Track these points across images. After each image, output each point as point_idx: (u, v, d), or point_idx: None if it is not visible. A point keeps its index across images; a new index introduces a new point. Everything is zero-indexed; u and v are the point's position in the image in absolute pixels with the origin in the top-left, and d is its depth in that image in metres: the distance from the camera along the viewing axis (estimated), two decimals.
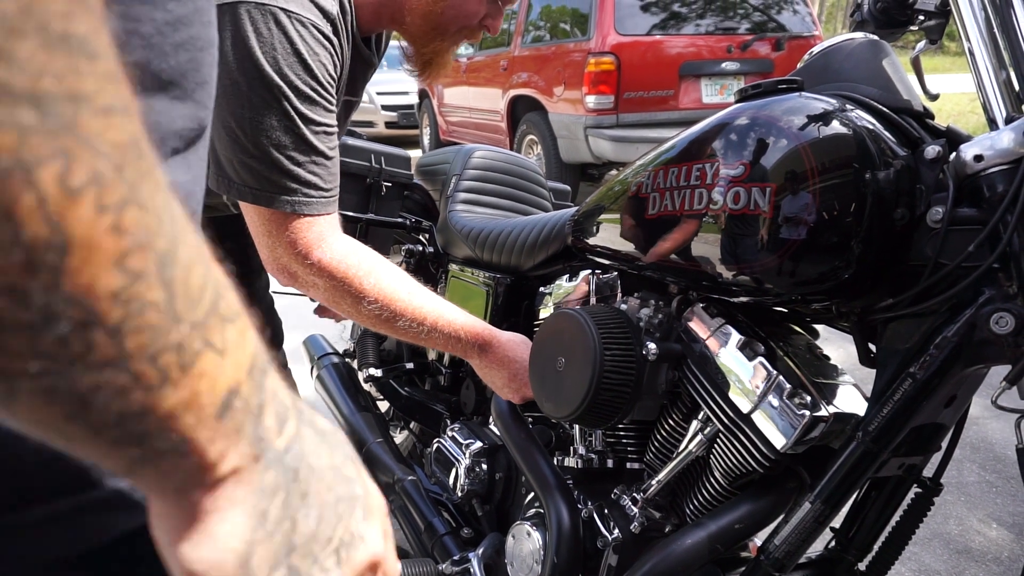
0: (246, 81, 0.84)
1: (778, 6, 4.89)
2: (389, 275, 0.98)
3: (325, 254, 0.92)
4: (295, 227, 0.90)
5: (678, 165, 0.84)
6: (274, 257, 0.93)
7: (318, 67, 0.88)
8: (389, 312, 0.98)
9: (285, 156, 0.86)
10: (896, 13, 0.98)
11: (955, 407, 0.79)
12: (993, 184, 0.69)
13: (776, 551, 0.80)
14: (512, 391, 1.11)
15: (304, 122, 0.87)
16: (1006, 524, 1.99)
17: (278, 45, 0.84)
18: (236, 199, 0.89)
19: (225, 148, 0.87)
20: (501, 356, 1.08)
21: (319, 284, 0.94)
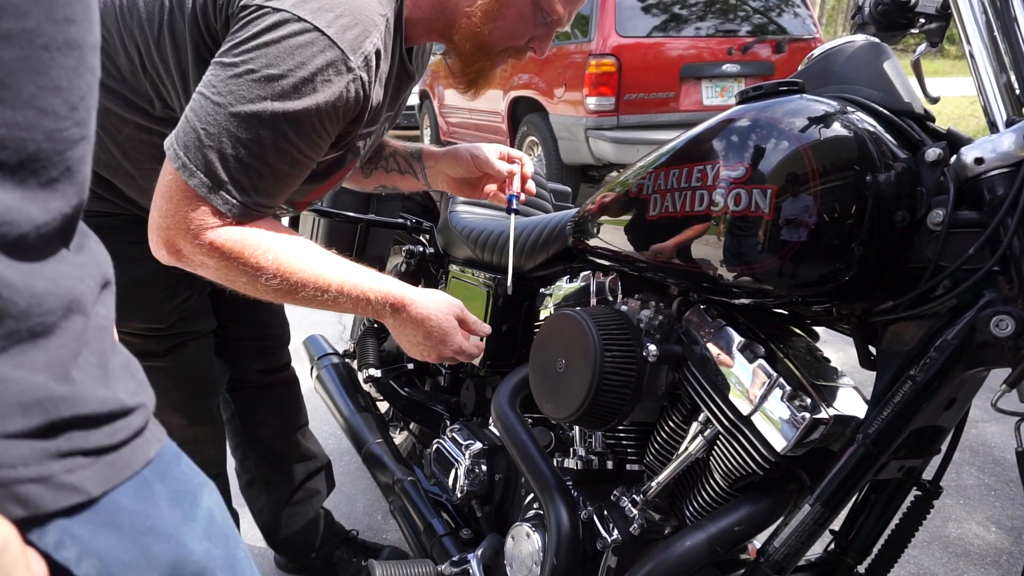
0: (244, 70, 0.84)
1: (779, 8, 4.90)
2: (290, 247, 0.94)
3: (219, 236, 0.88)
4: (199, 211, 0.86)
5: (679, 167, 0.84)
6: (164, 226, 0.89)
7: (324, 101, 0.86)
8: (289, 284, 0.94)
9: (235, 149, 0.85)
10: (897, 16, 0.98)
11: (955, 410, 0.79)
12: (994, 187, 0.69)
13: (776, 553, 0.80)
14: (427, 350, 1.07)
15: (275, 132, 0.85)
16: (1005, 527, 1.99)
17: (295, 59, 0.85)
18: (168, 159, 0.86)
19: (191, 110, 0.86)
20: (415, 315, 1.03)
21: (208, 264, 0.90)
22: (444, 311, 1.06)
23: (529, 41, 1.05)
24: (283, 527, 1.62)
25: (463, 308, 1.10)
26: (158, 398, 1.45)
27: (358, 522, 1.95)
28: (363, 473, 2.16)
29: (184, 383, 1.24)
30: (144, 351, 1.16)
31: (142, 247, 1.08)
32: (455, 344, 1.06)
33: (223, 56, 0.86)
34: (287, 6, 0.84)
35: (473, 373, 1.55)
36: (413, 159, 1.26)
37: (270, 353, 1.51)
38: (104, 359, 0.40)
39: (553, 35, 1.08)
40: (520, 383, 1.18)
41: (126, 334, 1.13)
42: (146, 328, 1.15)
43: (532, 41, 1.06)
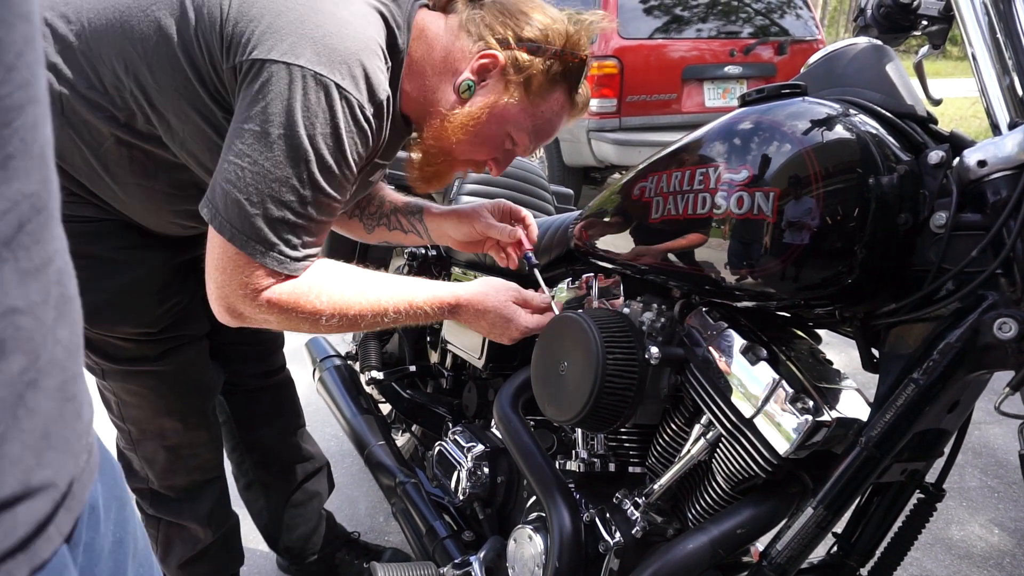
0: (276, 134, 0.85)
1: (781, 10, 4.90)
2: (339, 283, 0.97)
3: (275, 292, 0.92)
4: (255, 274, 0.90)
5: (682, 169, 0.84)
6: (223, 295, 0.92)
7: (350, 146, 0.89)
8: (348, 319, 0.98)
9: (279, 211, 0.87)
10: (899, 18, 0.98)
11: (958, 412, 0.79)
12: (997, 189, 0.69)
13: (778, 556, 0.80)
14: (496, 337, 1.11)
15: (314, 189, 0.88)
16: (1008, 529, 1.99)
17: (320, 115, 0.86)
18: (215, 230, 0.89)
19: (226, 180, 0.87)
20: (472, 312, 1.07)
21: (271, 319, 0.94)
22: (501, 299, 1.09)
23: (490, 159, 1.09)
24: (283, 529, 1.62)
25: (518, 288, 1.12)
26: (153, 403, 1.45)
27: (360, 524, 1.95)
28: (365, 475, 2.16)
29: (178, 387, 1.24)
30: (137, 356, 1.16)
31: (131, 252, 1.09)
32: (520, 326, 1.09)
33: (248, 121, 0.86)
34: (303, 62, 0.85)
35: (475, 375, 1.55)
36: (415, 219, 1.27)
37: (264, 356, 1.51)
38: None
39: (512, 160, 1.13)
40: (522, 385, 1.18)
41: (118, 339, 1.14)
42: (138, 333, 1.14)
43: (490, 161, 1.09)
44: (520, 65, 0.99)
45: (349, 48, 0.87)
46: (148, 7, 0.91)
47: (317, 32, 0.86)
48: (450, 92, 1.01)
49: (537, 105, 1.03)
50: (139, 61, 0.92)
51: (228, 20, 0.87)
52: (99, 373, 1.21)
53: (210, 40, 0.89)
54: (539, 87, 1.02)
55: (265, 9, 0.87)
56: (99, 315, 1.10)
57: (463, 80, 1.00)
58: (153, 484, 1.32)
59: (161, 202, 1.06)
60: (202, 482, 1.35)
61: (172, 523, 1.36)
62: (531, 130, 1.05)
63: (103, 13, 0.93)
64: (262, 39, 0.85)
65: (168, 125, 0.96)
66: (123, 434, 1.29)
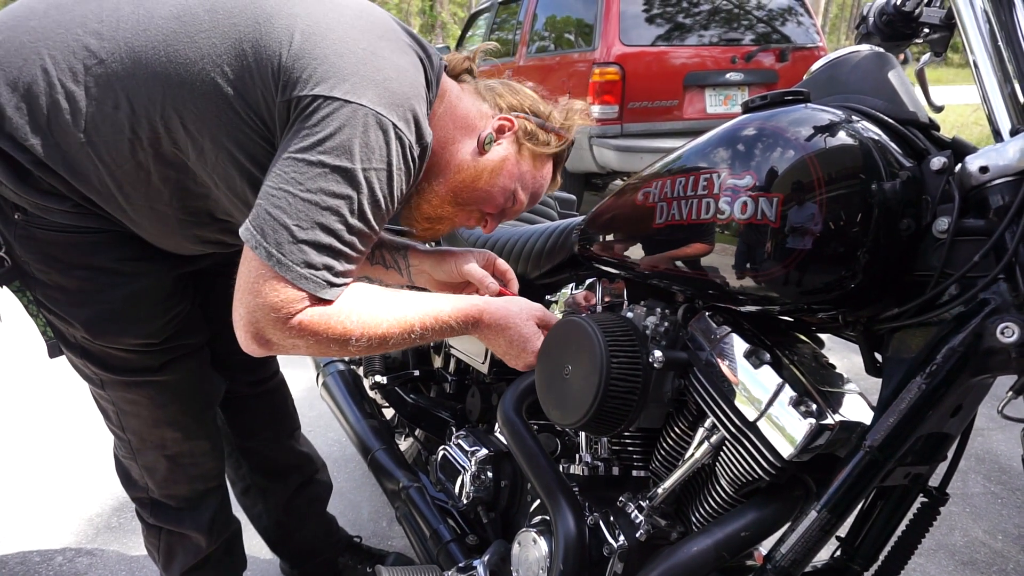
0: (332, 165, 0.88)
1: (782, 17, 4.92)
2: (365, 302, 0.98)
3: (304, 316, 0.92)
4: (291, 297, 0.90)
5: (685, 175, 0.85)
6: (252, 320, 0.91)
7: (398, 183, 0.94)
8: (377, 339, 0.98)
9: (327, 239, 0.89)
10: (901, 26, 0.99)
11: (961, 416, 0.80)
12: (999, 195, 0.69)
13: (782, 560, 0.80)
14: (511, 358, 1.10)
15: (361, 220, 0.91)
16: (1011, 536, 1.99)
17: (377, 151, 0.90)
18: (258, 255, 0.89)
19: (274, 206, 0.88)
20: (493, 326, 1.08)
21: (300, 344, 0.94)
22: (524, 317, 1.09)
23: (488, 216, 1.15)
24: (283, 533, 1.62)
25: (544, 310, 1.12)
26: (153, 412, 1.45)
27: (363, 528, 1.96)
28: (368, 479, 2.16)
29: (180, 397, 1.24)
30: (139, 367, 1.17)
31: (136, 263, 1.09)
32: (536, 350, 1.08)
33: (304, 152, 0.88)
34: (366, 101, 0.89)
35: (479, 380, 1.56)
36: (399, 255, 1.28)
37: (259, 364, 1.51)
38: None
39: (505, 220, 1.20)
40: (526, 390, 1.19)
41: (120, 350, 1.14)
42: (141, 344, 1.15)
43: (489, 216, 1.16)
44: (529, 132, 1.12)
45: (406, 93, 0.93)
46: (195, 35, 0.93)
47: (379, 76, 0.91)
48: (471, 144, 1.10)
49: (537, 170, 1.15)
50: (179, 86, 0.93)
51: (290, 56, 0.91)
52: (98, 383, 1.21)
53: (265, 73, 0.91)
54: (539, 157, 1.15)
55: (329, 50, 0.91)
56: (103, 326, 1.11)
57: (487, 134, 1.09)
58: (153, 493, 1.32)
59: (173, 226, 1.06)
60: (203, 491, 1.34)
61: (173, 532, 1.36)
62: (530, 191, 1.16)
63: (145, 35, 0.94)
64: (325, 77, 0.89)
65: (201, 150, 0.96)
66: (123, 443, 1.29)
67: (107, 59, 0.94)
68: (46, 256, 1.05)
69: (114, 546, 1.91)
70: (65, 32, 0.95)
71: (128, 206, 1.02)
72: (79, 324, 1.10)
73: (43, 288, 1.08)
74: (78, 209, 1.02)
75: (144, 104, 0.94)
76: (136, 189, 1.00)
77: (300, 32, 0.92)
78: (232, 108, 0.93)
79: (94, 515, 2.04)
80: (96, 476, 2.22)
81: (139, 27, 0.94)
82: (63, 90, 0.94)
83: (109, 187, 1.00)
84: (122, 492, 2.11)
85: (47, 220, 1.02)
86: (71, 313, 1.09)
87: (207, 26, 0.94)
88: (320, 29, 0.93)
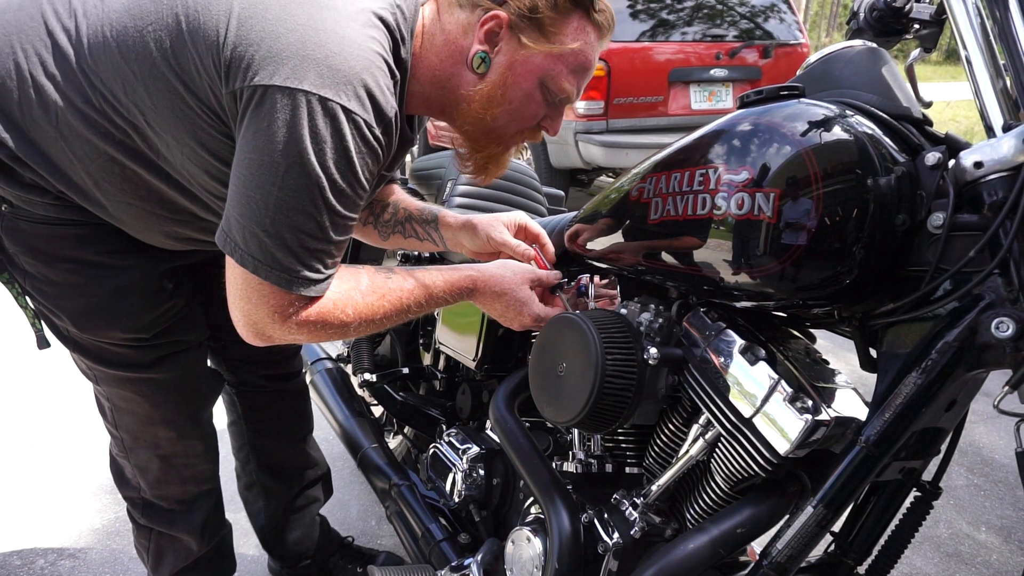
0: (286, 164, 0.83)
1: (765, 14, 4.94)
2: (360, 290, 0.97)
3: (301, 315, 0.91)
4: (284, 301, 0.89)
5: (681, 170, 0.84)
6: (251, 322, 0.91)
7: (361, 167, 0.87)
8: (375, 322, 0.98)
9: (298, 240, 0.86)
10: (891, 22, 0.99)
11: (955, 411, 0.80)
12: (993, 190, 0.70)
13: (778, 555, 0.80)
14: (507, 321, 1.11)
15: (330, 213, 0.87)
16: (994, 527, 2.01)
17: (329, 139, 0.83)
18: (237, 263, 0.88)
19: (240, 214, 0.86)
20: (488, 293, 1.08)
21: (300, 337, 0.94)
22: (518, 281, 1.09)
23: (540, 121, 1.03)
24: (279, 533, 1.60)
25: (534, 270, 1.12)
26: (147, 410, 1.42)
27: (352, 528, 1.94)
28: (356, 478, 2.15)
29: (173, 395, 1.22)
30: (131, 362, 1.15)
31: (123, 256, 1.07)
32: (532, 313, 1.09)
33: (255, 151, 0.83)
34: (307, 86, 0.82)
35: (469, 377, 1.55)
36: (430, 227, 1.27)
37: (277, 360, 1.49)
38: None
39: (563, 112, 1.05)
40: (518, 386, 1.18)
41: (110, 344, 1.12)
42: (130, 339, 1.12)
43: (544, 121, 1.04)
44: (524, 11, 0.94)
45: (354, 68, 0.84)
46: (143, 28, 0.89)
47: (319, 53, 0.83)
48: (466, 72, 0.97)
49: (558, 43, 0.96)
50: (136, 82, 0.90)
51: (226, 44, 0.84)
52: (93, 378, 1.19)
53: (207, 64, 0.86)
54: (552, 24, 0.95)
55: (265, 32, 0.83)
56: (90, 319, 1.08)
57: (474, 54, 0.96)
58: (145, 493, 1.30)
59: (153, 223, 1.04)
60: (196, 493, 1.32)
61: (164, 534, 1.34)
62: (566, 73, 0.98)
63: (100, 31, 0.91)
64: (263, 64, 0.82)
65: (166, 145, 0.94)
66: (116, 441, 1.27)
67: (72, 54, 0.91)
68: (32, 248, 1.03)
69: (98, 548, 1.88)
70: (37, 25, 0.93)
71: (107, 201, 1.00)
72: (66, 317, 1.08)
73: (31, 280, 1.06)
74: (60, 202, 1.00)
75: (109, 101, 0.92)
76: (112, 184, 0.98)
77: (236, 16, 0.85)
78: (186, 104, 0.89)
79: (77, 516, 2.01)
80: (79, 477, 2.18)
81: (98, 21, 0.91)
82: (34, 84, 0.92)
83: (86, 182, 0.98)
84: (105, 493, 2.08)
85: (32, 212, 1.00)
86: (58, 305, 1.07)
87: (153, 17, 0.88)
88: (256, 10, 0.85)
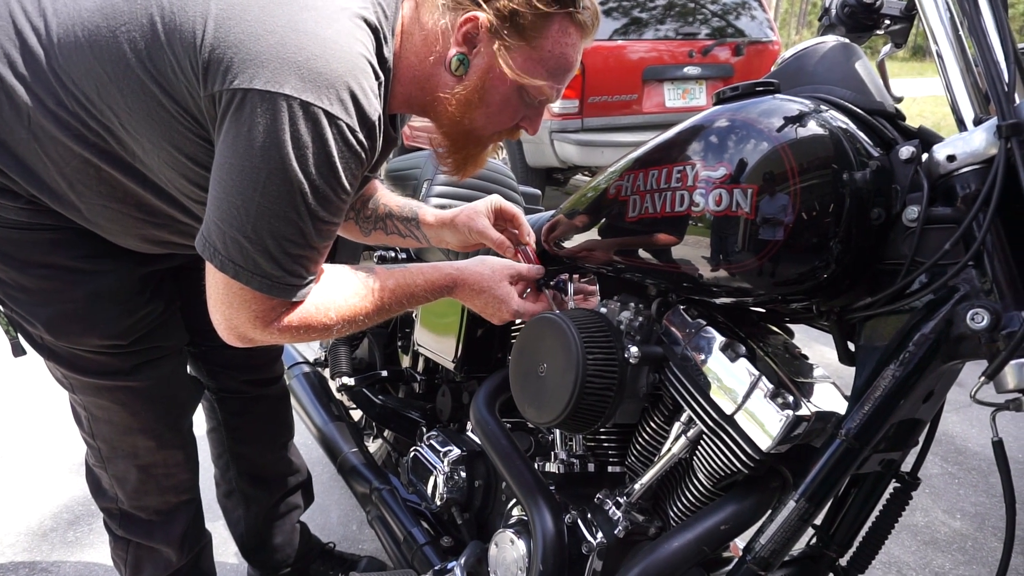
0: (267, 169, 0.81)
1: (736, 12, 4.98)
2: (341, 292, 0.96)
3: (283, 320, 0.91)
4: (265, 306, 0.89)
5: (658, 167, 0.84)
6: (232, 326, 0.91)
7: (344, 171, 0.86)
8: (357, 323, 0.98)
9: (280, 245, 0.85)
10: (863, 17, 1.00)
11: (932, 402, 0.81)
12: (966, 183, 0.70)
13: (762, 550, 0.81)
14: (489, 316, 1.11)
15: (312, 219, 0.85)
16: (969, 514, 2.05)
17: (311, 145, 0.81)
18: (217, 268, 0.86)
19: (221, 219, 0.84)
20: (468, 290, 1.08)
21: (282, 340, 0.94)
22: (497, 278, 1.09)
23: (520, 121, 1.03)
24: (259, 540, 1.58)
25: (516, 266, 1.12)
26: (125, 419, 1.39)
27: (333, 533, 1.92)
28: (336, 484, 2.12)
29: (153, 403, 1.19)
30: (108, 370, 1.12)
31: (97, 260, 1.04)
32: (511, 309, 1.09)
33: (236, 156, 0.81)
34: (288, 90, 0.80)
35: (449, 379, 1.54)
36: (412, 225, 1.26)
37: (258, 364, 1.47)
38: None
39: (543, 112, 1.04)
40: (498, 387, 1.18)
41: (86, 351, 1.09)
42: (107, 345, 1.09)
43: (523, 121, 1.03)
44: (503, 12, 0.91)
45: (336, 70, 0.82)
46: (116, 28, 0.86)
47: (300, 56, 0.80)
48: (444, 74, 0.96)
49: (538, 47, 0.94)
50: (110, 83, 0.87)
51: (204, 46, 0.82)
52: (68, 387, 1.16)
53: (184, 66, 0.84)
54: (532, 25, 0.92)
55: (244, 34, 0.81)
56: (64, 326, 1.06)
57: (452, 57, 0.94)
58: (123, 504, 1.27)
59: (129, 226, 1.02)
60: (176, 503, 1.29)
61: (142, 545, 1.31)
62: (545, 76, 0.96)
63: (71, 31, 0.88)
64: (243, 67, 0.80)
65: (142, 149, 0.92)
66: (93, 451, 1.24)
67: (42, 54, 0.89)
68: (4, 254, 1.00)
69: (72, 561, 1.83)
70: (5, 24, 0.90)
71: (82, 204, 0.97)
72: (40, 324, 1.05)
73: (3, 287, 1.03)
74: (32, 206, 0.97)
75: (81, 103, 0.89)
76: (87, 187, 0.95)
77: (214, 17, 0.82)
78: (162, 106, 0.87)
79: (49, 529, 1.96)
80: (53, 487, 2.13)
81: (69, 20, 0.88)
82: (3, 84, 0.89)
83: (60, 185, 0.95)
84: (79, 505, 2.04)
85: (4, 217, 0.97)
86: (32, 312, 1.05)
87: (126, 18, 0.86)
88: (235, 11, 0.82)
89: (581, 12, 0.95)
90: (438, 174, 1.57)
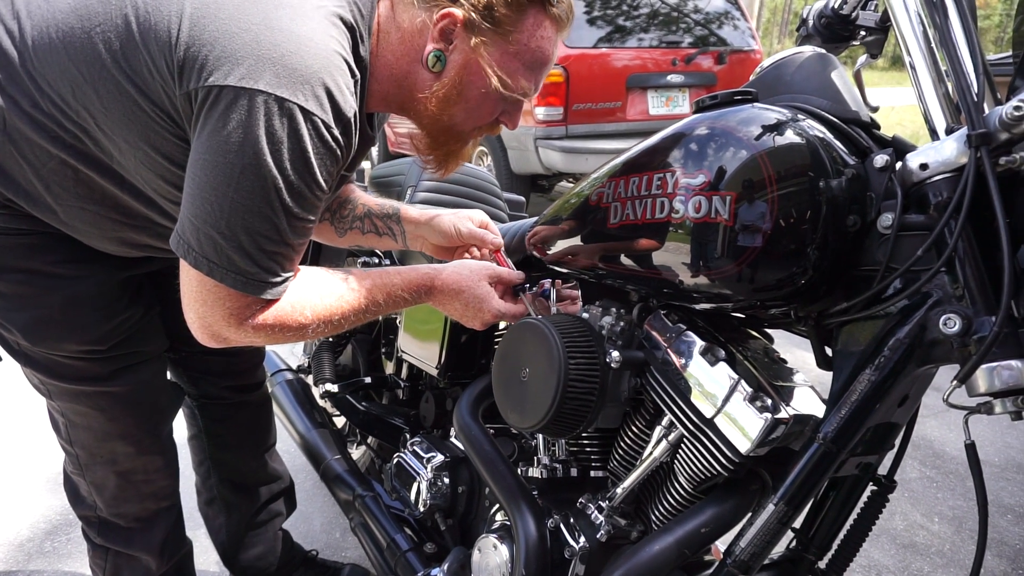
0: (241, 165, 0.81)
1: (719, 21, 5.04)
2: (318, 292, 0.96)
3: (258, 318, 0.90)
4: (239, 304, 0.88)
5: (639, 175, 0.85)
6: (206, 324, 0.90)
7: (320, 168, 0.86)
8: (333, 324, 0.98)
9: (255, 242, 0.85)
10: (839, 28, 1.02)
11: (907, 406, 0.82)
12: (938, 191, 0.72)
13: (742, 553, 0.81)
14: (468, 320, 1.10)
15: (287, 215, 0.85)
16: (947, 518, 2.08)
17: (286, 141, 0.81)
18: (191, 265, 0.86)
19: (195, 216, 0.84)
20: (447, 292, 1.07)
21: (257, 340, 0.93)
22: (475, 279, 1.08)
23: (499, 116, 1.03)
24: (241, 548, 1.57)
25: (494, 267, 1.12)
26: (104, 425, 1.38)
27: (316, 541, 1.91)
28: (319, 491, 2.11)
29: (132, 409, 1.18)
30: (86, 375, 1.11)
31: (75, 265, 1.03)
32: (492, 309, 1.08)
33: (210, 152, 0.81)
34: (263, 86, 0.80)
35: (432, 385, 1.54)
36: (391, 220, 1.25)
37: (241, 370, 1.46)
38: None
39: (523, 106, 1.04)
40: (481, 394, 1.18)
41: (64, 357, 1.08)
42: (85, 351, 1.08)
43: (502, 116, 1.03)
44: (479, 8, 0.91)
45: (311, 67, 0.82)
46: (91, 29, 0.86)
47: (275, 52, 0.81)
48: (421, 71, 0.96)
49: (514, 41, 0.94)
50: (85, 84, 0.87)
51: (179, 44, 0.82)
52: (46, 393, 1.15)
53: (160, 65, 0.84)
54: (508, 21, 0.93)
55: (219, 32, 0.81)
56: (42, 332, 1.05)
57: (428, 53, 0.94)
58: (102, 512, 1.25)
59: (107, 228, 1.01)
60: (156, 510, 1.28)
61: (121, 553, 1.29)
62: (523, 70, 0.96)
63: (45, 32, 0.88)
64: (218, 64, 0.80)
65: (119, 149, 0.91)
66: (71, 458, 1.22)
67: (16, 56, 0.88)
68: None
69: (49, 571, 1.81)
70: None
71: (58, 207, 0.97)
72: (16, 330, 1.04)
73: None
74: (8, 211, 0.96)
75: (57, 104, 0.89)
76: (65, 189, 0.95)
77: (188, 16, 0.83)
78: (138, 106, 0.87)
79: (25, 540, 1.93)
80: (30, 495, 2.10)
81: (43, 22, 0.88)
82: None
83: (37, 187, 0.94)
84: (55, 514, 2.01)
85: None
86: (8, 318, 1.04)
87: (101, 18, 0.86)
88: (209, 9, 0.83)
89: (556, 5, 0.95)
90: (422, 180, 1.57)
